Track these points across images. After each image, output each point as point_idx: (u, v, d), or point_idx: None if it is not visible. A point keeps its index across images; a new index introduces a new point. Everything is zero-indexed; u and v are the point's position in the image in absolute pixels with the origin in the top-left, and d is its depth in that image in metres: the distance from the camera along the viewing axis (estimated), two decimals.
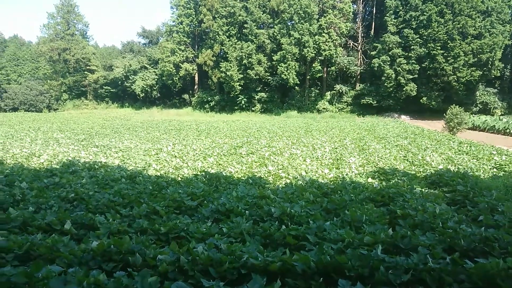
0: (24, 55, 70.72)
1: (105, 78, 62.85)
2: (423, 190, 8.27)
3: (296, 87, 51.07)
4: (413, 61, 43.79)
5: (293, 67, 47.29)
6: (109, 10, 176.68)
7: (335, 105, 49.84)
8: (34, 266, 3.54)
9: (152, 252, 4.29)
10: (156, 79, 57.97)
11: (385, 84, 44.83)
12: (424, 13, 42.96)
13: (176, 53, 53.48)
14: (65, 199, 7.30)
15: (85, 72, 63.01)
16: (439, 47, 42.36)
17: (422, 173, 10.91)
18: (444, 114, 28.15)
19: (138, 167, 11.53)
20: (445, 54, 42.38)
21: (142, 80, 58.02)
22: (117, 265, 4.21)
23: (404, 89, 44.03)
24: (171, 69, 53.14)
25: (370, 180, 9.72)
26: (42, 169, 10.85)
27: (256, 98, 51.15)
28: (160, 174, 10.25)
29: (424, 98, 44.00)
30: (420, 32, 43.44)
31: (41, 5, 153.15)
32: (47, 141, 18.92)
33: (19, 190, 7.57)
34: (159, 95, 60.30)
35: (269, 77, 50.61)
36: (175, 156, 14.11)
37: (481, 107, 45.86)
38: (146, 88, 57.99)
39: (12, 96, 61.38)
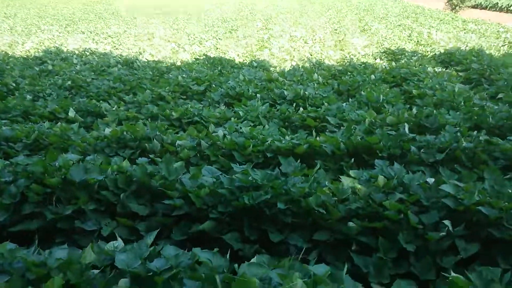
0: None
1: None
2: (435, 69, 7.94)
3: None
4: None
5: None
6: None
7: None
8: (49, 155, 3.31)
9: (170, 137, 4.07)
10: None
11: None
12: None
13: None
14: (62, 87, 6.90)
15: None
16: None
17: (430, 52, 10.47)
18: None
19: (131, 53, 10.88)
20: None
21: None
22: (134, 152, 4.02)
23: None
24: None
25: (378, 61, 9.31)
26: (30, 57, 10.18)
27: None
28: (158, 59, 9.70)
29: None
30: None
31: None
32: (28, 28, 17.67)
33: (11, 78, 7.10)
34: None
35: None
36: (169, 41, 13.33)
37: None
38: None
39: None
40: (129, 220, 2.82)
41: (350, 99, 6.02)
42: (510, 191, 2.70)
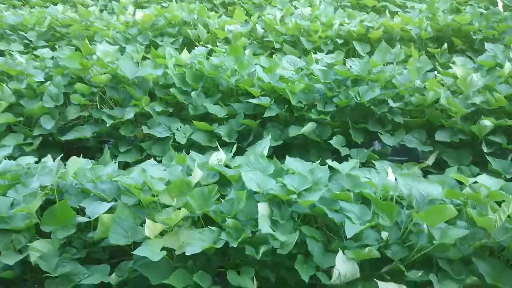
0: None
1: None
2: None
3: None
4: None
5: None
6: None
7: None
8: (85, 47, 2.69)
9: (217, 22, 3.41)
10: None
11: None
12: None
13: None
14: None
15: None
16: None
17: None
18: None
19: None
20: None
21: None
22: (175, 40, 3.37)
23: None
24: None
25: None
26: None
27: None
28: None
29: None
30: None
31: None
32: None
33: None
34: None
35: None
36: None
37: None
38: None
39: None
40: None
41: None
42: None
